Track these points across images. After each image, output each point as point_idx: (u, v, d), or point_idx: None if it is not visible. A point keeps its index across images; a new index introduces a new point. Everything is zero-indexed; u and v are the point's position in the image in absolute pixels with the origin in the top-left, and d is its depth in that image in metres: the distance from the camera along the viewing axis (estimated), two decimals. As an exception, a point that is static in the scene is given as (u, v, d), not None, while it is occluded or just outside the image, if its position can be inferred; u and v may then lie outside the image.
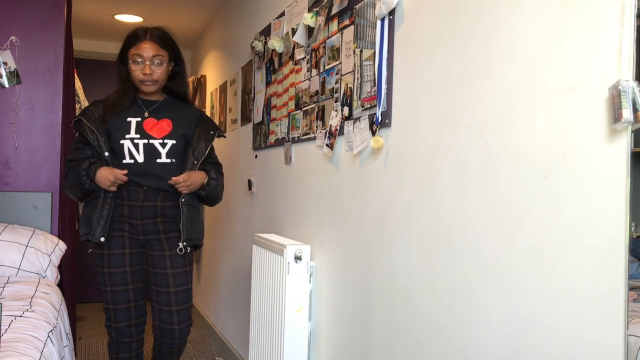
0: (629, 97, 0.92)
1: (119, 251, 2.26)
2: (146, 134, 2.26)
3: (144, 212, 2.24)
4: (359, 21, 1.84)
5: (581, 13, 1.06)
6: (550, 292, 1.11)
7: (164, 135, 2.28)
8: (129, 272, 2.27)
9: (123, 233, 2.26)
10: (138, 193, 2.24)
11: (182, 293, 2.27)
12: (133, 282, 2.28)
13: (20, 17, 3.02)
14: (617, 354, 0.96)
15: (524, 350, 1.17)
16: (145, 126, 2.28)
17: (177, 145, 2.30)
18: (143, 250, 2.30)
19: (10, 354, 1.53)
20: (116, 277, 2.25)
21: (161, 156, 2.26)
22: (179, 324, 2.26)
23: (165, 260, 2.25)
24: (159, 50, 2.27)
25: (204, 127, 2.38)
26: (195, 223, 2.33)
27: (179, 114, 2.36)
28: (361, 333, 1.84)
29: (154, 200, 2.25)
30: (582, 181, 1.04)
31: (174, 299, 2.24)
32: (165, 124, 2.31)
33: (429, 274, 1.49)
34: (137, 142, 2.24)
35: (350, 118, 1.89)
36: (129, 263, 2.27)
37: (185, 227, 2.26)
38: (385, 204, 1.71)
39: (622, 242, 0.96)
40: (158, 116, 2.32)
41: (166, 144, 2.27)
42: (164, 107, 2.36)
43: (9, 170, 3.01)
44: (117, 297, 2.26)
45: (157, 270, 2.25)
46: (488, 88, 1.29)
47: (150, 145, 2.25)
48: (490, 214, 1.28)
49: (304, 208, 2.35)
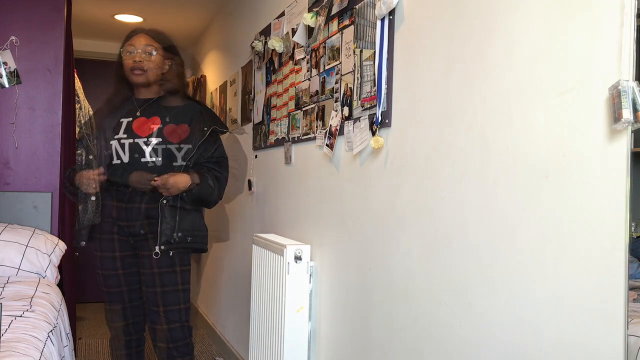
0: (629, 97, 0.92)
1: (110, 254, 2.25)
2: (133, 133, 2.23)
3: (129, 214, 2.21)
4: (359, 21, 1.84)
5: (581, 13, 1.06)
6: (550, 292, 1.11)
7: (149, 133, 2.23)
8: (121, 274, 2.26)
9: (112, 236, 2.24)
10: (125, 194, 2.22)
11: (170, 293, 2.21)
12: (127, 284, 2.27)
13: (20, 17, 3.02)
14: (617, 354, 0.96)
15: (523, 350, 1.17)
16: (133, 125, 2.25)
17: (162, 144, 2.23)
18: (135, 253, 2.27)
19: (10, 354, 1.53)
20: (109, 279, 2.26)
21: (145, 155, 2.21)
22: (169, 324, 2.20)
23: (152, 260, 2.21)
24: (151, 42, 2.25)
25: (198, 122, 2.30)
26: (183, 224, 2.24)
27: (173, 110, 2.29)
28: (361, 333, 1.84)
29: (139, 202, 2.21)
30: (582, 181, 1.04)
31: (160, 299, 2.20)
32: (154, 121, 2.26)
33: (429, 274, 1.49)
34: (123, 142, 2.22)
35: (350, 118, 1.89)
36: (120, 266, 2.26)
37: (163, 230, 2.18)
38: (385, 204, 1.71)
39: (622, 242, 0.96)
40: (149, 114, 2.27)
41: (150, 142, 2.22)
42: (157, 105, 2.30)
43: (9, 170, 3.01)
44: (112, 297, 2.28)
45: (145, 270, 2.23)
46: (488, 88, 1.29)
47: (135, 144, 2.22)
48: (490, 214, 1.27)
49: (304, 208, 2.35)
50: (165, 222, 2.19)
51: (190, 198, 2.22)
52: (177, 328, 2.22)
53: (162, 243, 2.18)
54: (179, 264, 2.25)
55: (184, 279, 2.26)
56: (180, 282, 2.24)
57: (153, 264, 2.21)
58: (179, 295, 2.24)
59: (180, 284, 2.24)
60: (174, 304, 2.22)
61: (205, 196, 2.26)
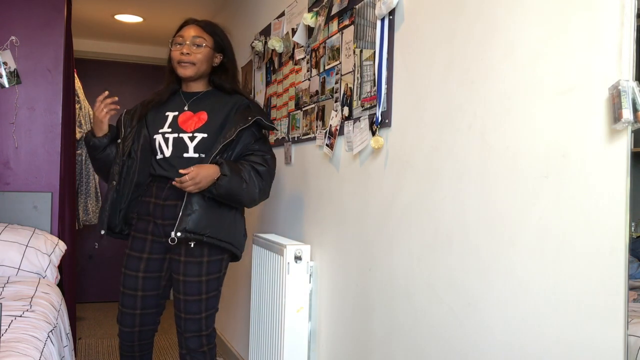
0: (629, 97, 0.92)
1: (138, 254, 2.13)
2: (178, 127, 2.11)
3: (165, 212, 2.08)
4: (359, 21, 1.84)
5: (581, 13, 1.06)
6: (550, 292, 1.11)
7: (196, 128, 2.09)
8: (142, 277, 2.13)
9: (146, 236, 2.12)
10: (163, 190, 2.09)
11: (192, 303, 2.09)
12: (144, 289, 2.13)
13: (20, 17, 3.02)
14: (617, 354, 0.96)
15: (523, 350, 1.17)
16: (179, 120, 2.13)
17: (208, 139, 2.07)
18: (167, 256, 2.14)
19: (10, 354, 1.53)
20: (128, 280, 2.14)
21: (188, 150, 2.07)
22: (186, 333, 2.11)
23: (180, 265, 2.08)
24: (201, 33, 2.14)
25: (243, 113, 2.10)
26: (212, 216, 2.03)
27: (220, 105, 2.15)
28: (361, 333, 1.84)
29: (176, 199, 2.05)
30: (582, 181, 1.04)
31: (183, 306, 2.10)
32: (200, 116, 2.12)
33: (429, 274, 1.49)
34: (167, 136, 2.10)
35: (350, 118, 1.89)
36: (144, 269, 2.12)
37: (183, 215, 1.98)
38: (385, 204, 1.71)
39: (622, 242, 0.96)
40: (196, 109, 2.14)
41: (195, 137, 2.07)
42: (205, 99, 2.17)
43: (9, 170, 3.01)
44: (125, 300, 2.16)
45: (174, 276, 2.12)
46: (488, 88, 1.29)
47: (179, 139, 2.08)
48: (490, 213, 1.27)
49: (304, 208, 2.35)
50: (189, 208, 1.98)
51: (218, 191, 1.98)
52: (194, 337, 2.12)
53: (179, 229, 1.96)
54: (207, 273, 2.09)
55: (209, 288, 2.11)
56: (205, 292, 2.10)
57: (180, 270, 2.08)
58: (201, 305, 2.11)
59: (205, 293, 2.11)
60: (196, 312, 2.11)
61: (235, 190, 2.00)
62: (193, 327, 2.12)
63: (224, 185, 1.97)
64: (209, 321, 2.15)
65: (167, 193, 2.07)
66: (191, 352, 2.13)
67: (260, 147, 2.11)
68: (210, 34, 2.17)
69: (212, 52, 2.17)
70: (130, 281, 2.13)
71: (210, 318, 2.16)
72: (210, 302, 2.13)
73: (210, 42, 2.15)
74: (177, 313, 2.13)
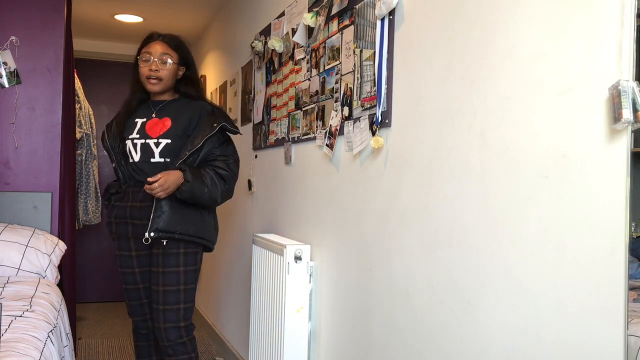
0: (629, 97, 0.92)
1: (127, 253, 2.32)
2: (145, 133, 2.27)
3: (142, 213, 2.23)
4: (359, 21, 1.84)
5: (581, 13, 1.06)
6: (550, 292, 1.11)
7: (160, 134, 2.26)
8: (138, 272, 2.32)
9: (128, 236, 2.29)
10: (138, 194, 2.25)
11: (171, 293, 2.22)
12: (143, 282, 2.33)
13: (20, 17, 3.02)
14: (617, 354, 0.96)
15: (523, 350, 1.17)
16: (147, 126, 2.29)
17: (172, 145, 2.24)
18: (150, 252, 2.29)
19: (10, 354, 1.53)
20: (127, 276, 2.34)
21: (155, 155, 2.24)
22: (165, 323, 2.21)
23: (159, 258, 2.23)
24: (167, 50, 2.30)
25: (208, 120, 2.26)
26: (182, 213, 2.21)
27: (183, 111, 2.31)
28: (361, 333, 1.84)
29: (151, 200, 2.20)
30: (582, 181, 1.04)
31: (161, 297, 2.22)
32: (165, 122, 2.29)
33: (429, 274, 1.49)
34: (135, 142, 2.27)
35: (350, 118, 1.89)
36: (137, 264, 2.32)
37: (155, 217, 2.16)
38: (385, 203, 1.71)
39: (622, 242, 0.96)
40: (161, 115, 2.31)
41: (160, 143, 2.25)
42: (171, 106, 2.33)
43: (9, 170, 3.01)
44: (129, 294, 2.36)
45: (152, 269, 2.26)
46: (488, 88, 1.29)
47: (146, 144, 2.26)
48: (490, 213, 1.28)
49: (304, 208, 2.35)
50: (159, 210, 2.17)
51: (180, 196, 2.16)
52: (173, 329, 2.22)
53: (151, 230, 2.16)
54: (184, 264, 2.26)
55: (186, 279, 2.25)
56: (182, 282, 2.24)
57: (159, 262, 2.24)
58: (179, 295, 2.24)
59: (183, 284, 2.24)
60: (174, 303, 2.23)
61: (197, 194, 2.17)
62: (172, 317, 2.24)
63: (186, 191, 2.15)
64: (187, 313, 2.28)
65: (143, 195, 2.23)
66: (172, 345, 2.26)
67: (223, 152, 2.29)
68: (174, 49, 2.33)
69: (177, 67, 2.34)
70: (129, 277, 2.34)
71: (188, 311, 2.29)
72: (187, 295, 2.27)
73: (176, 57, 2.32)
74: (155, 307, 2.27)
